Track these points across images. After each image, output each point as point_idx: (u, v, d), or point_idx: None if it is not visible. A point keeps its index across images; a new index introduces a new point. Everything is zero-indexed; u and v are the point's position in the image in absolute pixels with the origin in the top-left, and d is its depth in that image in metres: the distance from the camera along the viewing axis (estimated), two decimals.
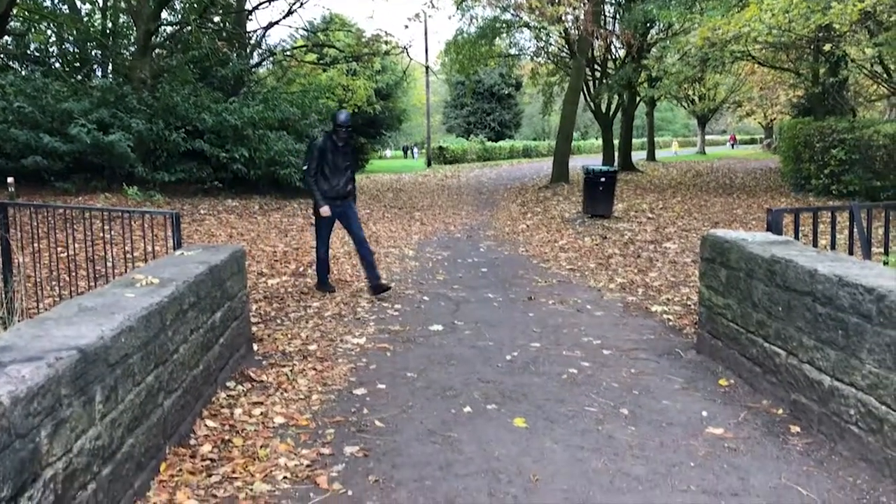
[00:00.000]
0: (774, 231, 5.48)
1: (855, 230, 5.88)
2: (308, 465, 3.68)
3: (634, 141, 41.83)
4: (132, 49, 18.79)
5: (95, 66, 19.92)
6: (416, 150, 61.98)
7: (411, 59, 28.68)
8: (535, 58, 33.29)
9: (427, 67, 34.81)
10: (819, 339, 3.89)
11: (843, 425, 3.70)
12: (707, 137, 58.58)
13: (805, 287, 4.03)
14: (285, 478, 3.55)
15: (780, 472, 3.53)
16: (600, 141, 34.64)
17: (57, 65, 18.86)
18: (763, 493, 3.33)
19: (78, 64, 19.40)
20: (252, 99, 19.44)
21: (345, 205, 7.71)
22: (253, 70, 23.84)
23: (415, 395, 4.71)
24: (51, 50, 19.34)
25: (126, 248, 8.03)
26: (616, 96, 30.12)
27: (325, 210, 7.55)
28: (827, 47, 16.74)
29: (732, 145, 66.70)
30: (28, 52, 18.47)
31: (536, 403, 4.53)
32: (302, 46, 26.28)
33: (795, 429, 4.02)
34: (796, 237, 5.70)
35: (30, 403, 2.38)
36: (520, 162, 47.58)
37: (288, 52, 25.23)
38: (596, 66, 30.28)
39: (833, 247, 5.85)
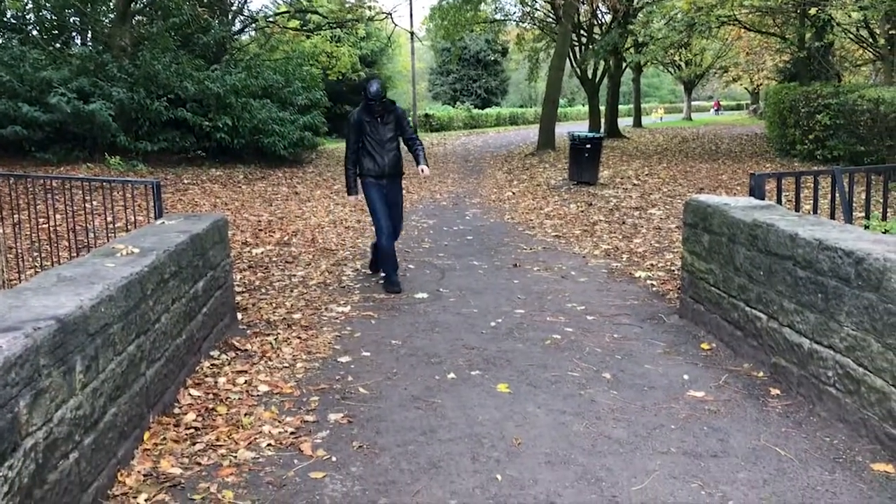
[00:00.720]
0: (757, 196, 5.50)
1: (837, 194, 5.90)
2: (292, 433, 3.70)
3: (621, 107, 41.73)
4: (111, 16, 18.48)
5: (74, 34, 19.60)
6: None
7: (396, 25, 28.42)
8: (520, 23, 33.02)
9: (412, 33, 34.43)
10: (799, 303, 3.92)
11: (821, 387, 3.74)
12: (694, 103, 58.48)
13: (786, 251, 4.05)
14: (269, 445, 3.56)
15: (760, 434, 3.58)
16: (587, 107, 34.51)
17: (34, 32, 18.53)
18: (742, 454, 3.38)
19: (56, 31, 19.07)
20: (234, 66, 19.22)
21: (391, 185, 6.66)
22: (235, 37, 23.54)
23: (399, 363, 4.73)
24: (28, 17, 18.98)
25: (108, 218, 7.96)
26: (602, 62, 29.95)
27: (351, 201, 6.96)
28: (812, 11, 16.70)
29: (717, 111, 65.64)
30: (4, 19, 18.13)
31: (520, 369, 4.56)
32: (284, 12, 25.94)
33: (775, 391, 4.07)
34: (779, 202, 5.72)
35: (7, 374, 2.37)
36: (506, 129, 47.38)
37: (270, 19, 24.91)
38: (582, 32, 30.06)
39: (815, 211, 5.88)
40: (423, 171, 6.63)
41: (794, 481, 3.13)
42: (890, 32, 15.70)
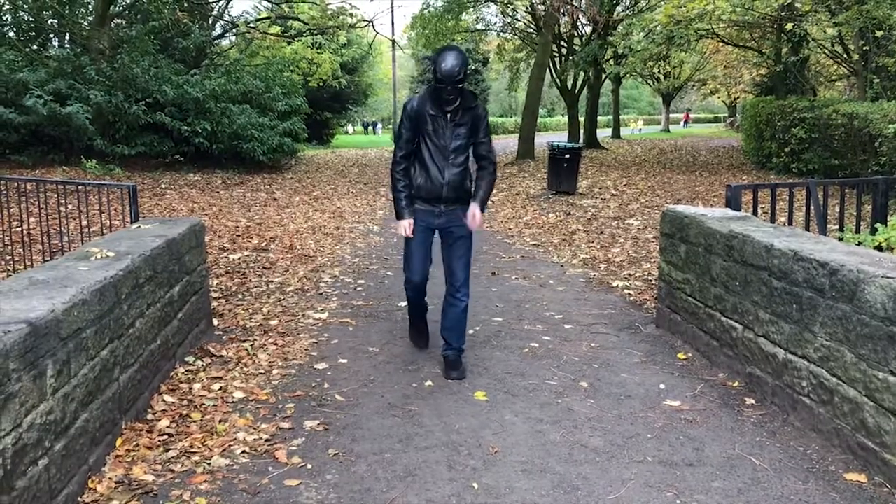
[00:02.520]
0: (733, 207, 5.54)
1: (812, 207, 5.97)
2: (267, 440, 3.67)
3: (600, 118, 41.98)
4: (90, 19, 18.31)
5: (52, 36, 19.40)
6: (378, 126, 61.27)
7: (377, 32, 28.42)
8: (501, 33, 33.19)
9: (393, 42, 34.47)
10: (774, 313, 3.96)
11: (795, 397, 3.77)
12: (672, 115, 58.97)
13: (762, 262, 4.08)
14: (244, 452, 3.53)
15: (735, 443, 3.60)
16: (566, 118, 34.70)
17: (11, 34, 18.31)
18: (717, 464, 3.39)
19: (33, 33, 18.87)
20: (214, 71, 19.14)
21: (449, 216, 4.55)
22: (215, 42, 23.45)
23: (376, 370, 4.71)
24: (4, 18, 18.76)
25: (83, 222, 7.87)
26: (582, 73, 30.15)
27: (403, 227, 4.53)
28: (789, 26, 16.93)
29: (685, 123, 64.18)
30: None
31: (497, 377, 4.56)
32: (265, 18, 25.88)
33: (750, 401, 4.10)
34: (755, 213, 5.77)
35: None
36: None
37: (251, 24, 24.80)
38: (562, 43, 30.25)
39: (790, 223, 5.94)
40: (474, 216, 4.50)
41: (768, 490, 3.15)
42: (864, 48, 15.95)
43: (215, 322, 5.69)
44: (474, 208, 4.50)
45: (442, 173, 4.46)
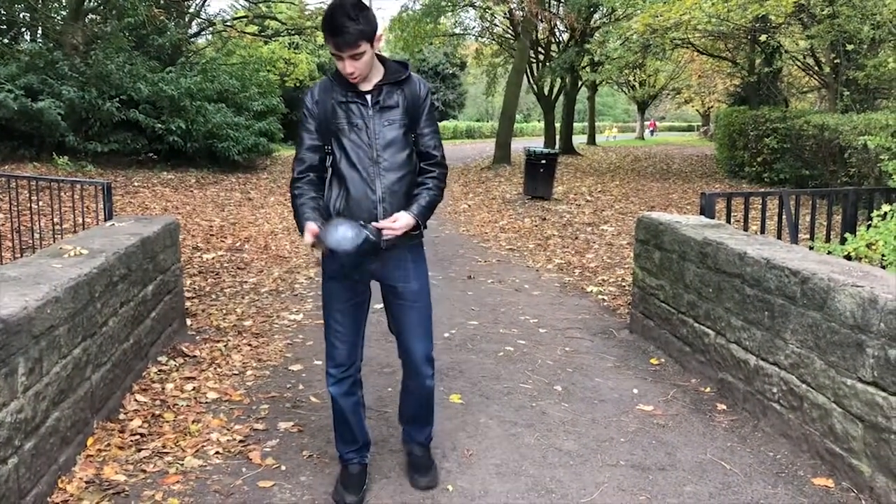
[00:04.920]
0: (707, 214, 5.61)
1: (784, 216, 6.06)
2: (241, 441, 3.65)
3: (576, 125, 42.26)
4: (63, 13, 18.07)
5: (24, 30, 19.11)
6: None
7: None
8: (479, 38, 33.28)
9: None
10: (746, 320, 4.01)
11: (766, 403, 3.83)
12: (647, 123, 59.46)
13: (735, 269, 4.14)
14: (217, 453, 3.50)
15: (706, 448, 3.65)
16: (542, 123, 34.88)
17: None
18: (689, 468, 3.43)
19: (4, 26, 18.58)
20: (190, 70, 18.95)
21: (391, 260, 3.09)
22: (191, 40, 23.25)
23: None
24: None
25: (55, 219, 7.76)
26: (559, 79, 30.30)
27: (308, 233, 2.87)
28: (763, 38, 17.18)
29: (652, 132, 60.58)
30: None
31: (472, 380, 4.57)
32: (242, 17, 25.72)
33: (721, 406, 4.15)
34: (728, 221, 5.85)
35: None
36: (463, 142, 47.57)
37: (228, 23, 24.65)
38: (540, 49, 30.41)
39: (763, 231, 6.03)
40: (395, 220, 2.94)
41: (738, 495, 3.19)
42: (835, 61, 16.23)
43: (189, 322, 5.64)
44: (403, 213, 2.96)
45: (371, 185, 2.94)
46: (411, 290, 3.12)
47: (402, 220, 2.94)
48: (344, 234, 2.78)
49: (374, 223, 2.91)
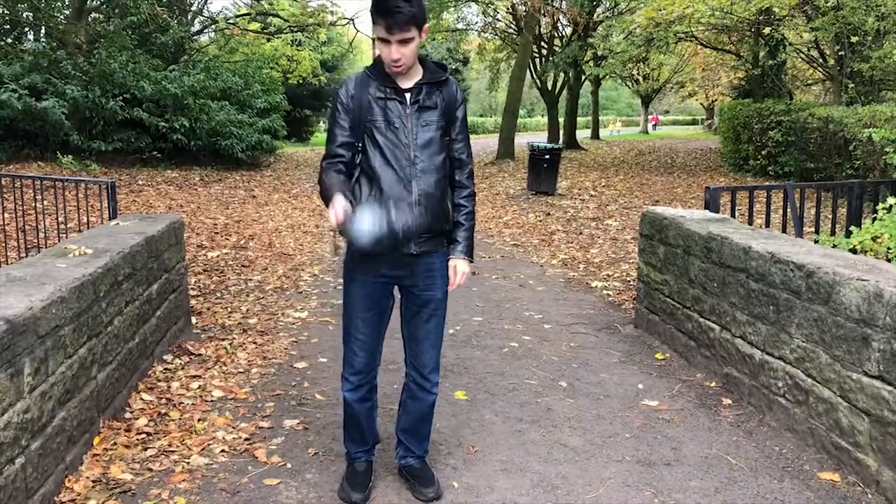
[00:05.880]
0: (712, 209, 5.60)
1: (789, 209, 6.04)
2: (246, 439, 3.65)
3: (579, 119, 42.19)
4: (67, 12, 18.09)
5: (27, 29, 19.13)
6: None
7: (358, 30, 28.31)
8: (482, 33, 33.18)
9: (373, 40, 34.43)
10: (751, 314, 4.00)
11: (771, 397, 3.82)
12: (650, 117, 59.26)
13: (739, 263, 4.13)
14: (223, 451, 3.51)
15: (712, 443, 3.64)
16: (546, 118, 34.81)
17: None
18: (694, 463, 3.43)
19: (8, 26, 18.61)
20: (193, 68, 18.97)
21: (420, 265, 2.98)
22: (194, 38, 23.26)
23: None
24: None
25: (60, 218, 7.79)
26: (562, 74, 30.25)
27: (336, 208, 2.60)
28: (766, 30, 17.11)
29: (654, 126, 59.45)
30: None
31: (477, 377, 4.57)
32: (245, 15, 25.71)
33: (727, 401, 4.14)
34: (733, 215, 5.84)
35: None
36: None
37: (231, 21, 24.64)
38: (543, 44, 30.35)
39: (767, 225, 6.01)
40: (456, 273, 3.05)
41: (744, 489, 3.19)
42: (839, 53, 16.16)
43: (194, 320, 5.65)
44: (458, 261, 3.02)
45: (407, 186, 2.82)
46: (436, 299, 3.05)
47: (461, 269, 3.05)
48: (369, 225, 2.63)
49: (451, 281, 3.02)
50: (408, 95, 2.87)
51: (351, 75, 3.00)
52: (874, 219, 5.10)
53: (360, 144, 2.89)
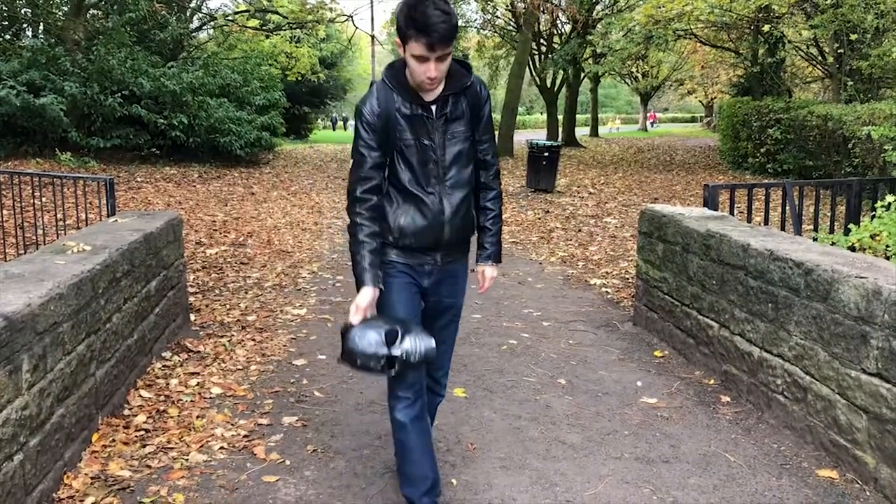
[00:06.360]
0: (710, 206, 5.60)
1: (787, 207, 6.05)
2: (245, 436, 3.65)
3: (578, 117, 42.17)
4: (65, 9, 18.07)
5: (25, 26, 19.10)
6: (351, 122, 59.50)
7: (357, 28, 28.29)
8: (481, 30, 33.18)
9: (373, 37, 34.36)
10: (750, 312, 4.01)
11: (770, 395, 3.83)
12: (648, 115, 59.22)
13: (738, 261, 4.13)
14: (222, 448, 3.51)
15: (710, 440, 3.64)
16: (545, 116, 34.81)
17: None
18: (693, 460, 3.43)
19: (6, 22, 18.58)
20: (192, 64, 18.95)
21: (444, 274, 2.91)
22: (193, 34, 23.24)
23: None
24: None
25: (58, 215, 7.78)
26: (561, 71, 30.25)
27: (359, 303, 2.67)
28: (766, 28, 17.11)
29: (652, 123, 58.04)
30: None
31: (476, 374, 4.57)
32: (244, 11, 25.66)
33: (725, 398, 4.15)
34: (731, 213, 5.84)
35: None
36: None
37: (229, 17, 24.60)
38: (542, 41, 30.34)
39: (766, 223, 6.02)
40: (485, 278, 3.07)
41: (742, 487, 3.19)
42: (838, 51, 16.16)
43: (192, 317, 5.65)
44: (487, 267, 3.01)
45: (440, 202, 2.74)
46: (457, 306, 3.03)
47: (489, 275, 3.03)
48: (369, 346, 2.58)
49: (480, 285, 3.00)
50: (434, 108, 2.71)
51: (371, 91, 2.76)
52: (873, 216, 5.11)
53: (386, 164, 2.75)
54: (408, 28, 2.49)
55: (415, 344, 2.58)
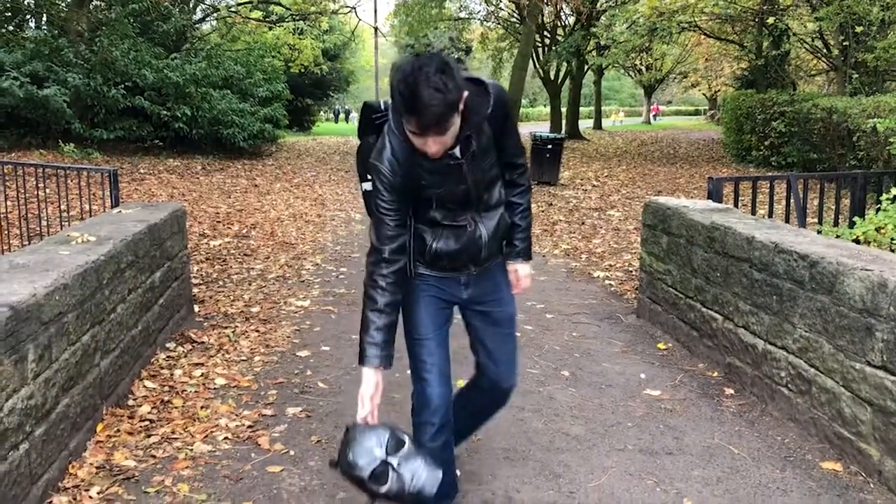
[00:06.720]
0: (715, 199, 5.59)
1: (792, 200, 6.03)
2: (249, 426, 3.66)
3: (582, 109, 42.10)
4: (68, 0, 18.04)
5: (28, 17, 19.09)
6: (354, 114, 59.49)
7: (360, 19, 28.26)
8: (485, 22, 33.09)
9: (376, 29, 34.31)
10: (754, 304, 4.00)
11: (774, 387, 3.82)
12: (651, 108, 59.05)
13: (743, 253, 4.13)
14: (226, 438, 3.52)
15: (714, 432, 3.65)
16: (548, 108, 34.74)
17: None
18: (696, 452, 3.43)
19: (9, 13, 18.56)
20: (195, 56, 18.93)
21: (482, 282, 2.71)
22: (196, 26, 23.20)
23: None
24: None
25: (62, 206, 7.78)
26: (565, 64, 30.17)
27: (362, 392, 2.48)
28: (770, 20, 17.04)
29: (655, 116, 57.63)
30: None
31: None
32: (247, 3, 25.63)
33: (729, 391, 4.15)
34: (736, 205, 5.83)
35: None
36: None
37: (232, 9, 24.59)
38: (545, 33, 30.24)
39: (771, 215, 6.00)
40: (519, 278, 2.81)
41: (746, 479, 3.19)
42: (843, 44, 16.10)
43: (196, 308, 5.66)
44: (519, 265, 2.80)
45: (476, 230, 2.57)
46: (508, 314, 2.78)
47: (523, 273, 2.80)
48: (362, 457, 2.33)
49: (514, 286, 2.77)
50: (457, 150, 2.42)
51: (385, 141, 2.42)
52: (878, 209, 5.09)
53: (410, 213, 2.53)
54: (397, 101, 2.21)
55: (417, 473, 2.32)
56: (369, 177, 2.50)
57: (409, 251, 2.55)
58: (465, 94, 2.23)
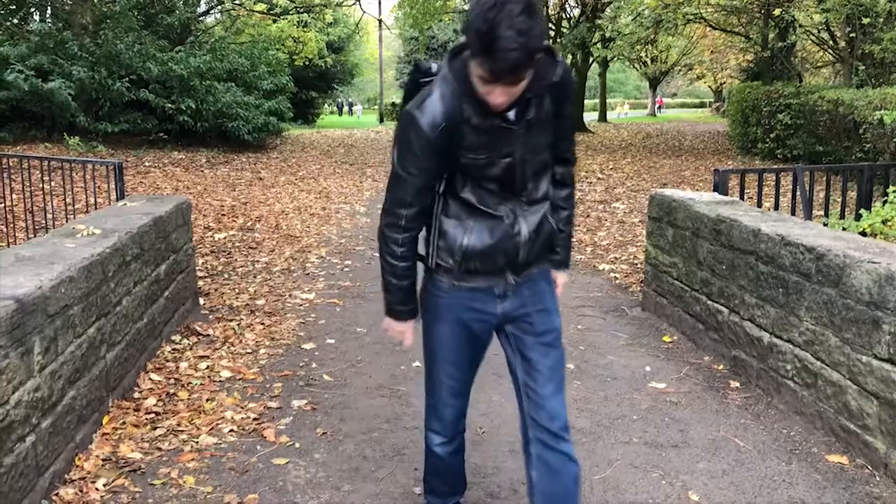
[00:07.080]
0: (720, 191, 5.57)
1: (798, 192, 6.01)
2: (255, 419, 3.67)
3: (587, 102, 41.99)
4: None
5: (33, 10, 19.09)
6: (358, 107, 58.47)
7: (364, 12, 28.19)
8: None
9: (380, 21, 34.26)
10: (760, 297, 3.99)
11: (779, 380, 3.82)
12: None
13: (749, 246, 4.11)
14: (232, 431, 3.53)
15: (719, 425, 3.64)
16: None
17: None
18: (702, 445, 3.43)
19: (14, 7, 18.57)
20: (199, 49, 18.92)
21: (523, 292, 2.33)
22: (200, 19, 23.17)
23: (364, 350, 4.71)
24: None
25: (67, 199, 7.78)
26: (570, 56, 30.06)
27: (397, 331, 2.48)
28: (777, 12, 16.96)
29: (659, 108, 56.63)
30: None
31: (485, 358, 4.56)
32: None
33: (735, 384, 4.14)
34: (741, 198, 5.81)
35: None
36: None
37: (237, 1, 24.54)
38: (550, 25, 30.14)
39: (777, 208, 5.98)
40: (555, 282, 2.50)
41: (751, 471, 3.19)
42: (850, 35, 16.02)
43: (201, 301, 5.66)
44: (559, 274, 2.52)
45: (515, 224, 2.22)
46: (553, 326, 2.38)
47: (561, 282, 2.53)
48: None
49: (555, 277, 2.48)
50: (512, 113, 2.08)
51: (434, 93, 2.09)
52: (885, 202, 5.07)
53: (439, 185, 2.23)
54: (471, 39, 1.90)
55: None
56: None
57: (426, 221, 2.28)
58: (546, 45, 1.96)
